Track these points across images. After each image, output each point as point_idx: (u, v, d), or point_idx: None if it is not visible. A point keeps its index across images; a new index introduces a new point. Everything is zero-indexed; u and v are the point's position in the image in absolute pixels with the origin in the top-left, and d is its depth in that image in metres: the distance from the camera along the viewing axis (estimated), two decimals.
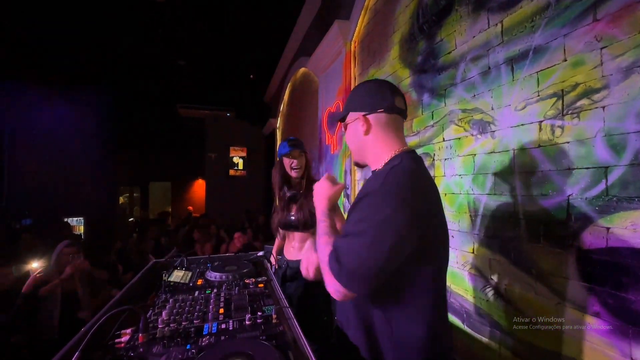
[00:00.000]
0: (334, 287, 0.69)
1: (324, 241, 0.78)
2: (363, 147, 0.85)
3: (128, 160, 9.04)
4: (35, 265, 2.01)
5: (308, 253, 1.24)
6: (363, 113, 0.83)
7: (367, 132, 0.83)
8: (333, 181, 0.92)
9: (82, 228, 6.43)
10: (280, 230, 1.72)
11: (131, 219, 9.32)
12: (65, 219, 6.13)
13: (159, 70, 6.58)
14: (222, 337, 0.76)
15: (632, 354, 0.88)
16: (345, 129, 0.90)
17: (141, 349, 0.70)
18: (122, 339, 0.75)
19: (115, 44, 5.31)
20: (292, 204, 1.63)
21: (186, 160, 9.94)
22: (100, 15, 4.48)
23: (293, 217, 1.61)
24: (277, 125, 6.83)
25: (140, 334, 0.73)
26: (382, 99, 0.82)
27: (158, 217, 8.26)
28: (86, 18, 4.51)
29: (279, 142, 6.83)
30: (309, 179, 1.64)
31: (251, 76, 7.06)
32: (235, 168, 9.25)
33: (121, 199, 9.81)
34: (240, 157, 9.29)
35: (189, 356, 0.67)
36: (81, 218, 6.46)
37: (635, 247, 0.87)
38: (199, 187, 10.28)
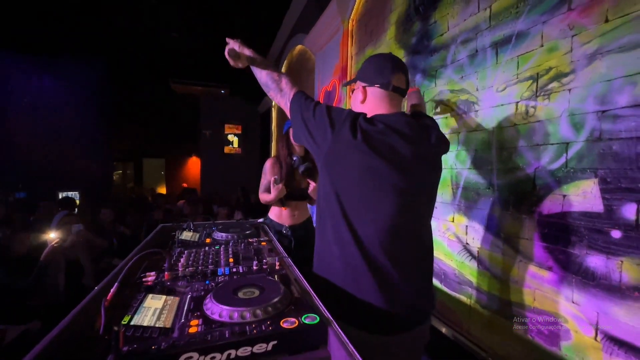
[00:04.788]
0: (284, 101, 0.98)
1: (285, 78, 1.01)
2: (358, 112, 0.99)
3: (122, 136, 8.95)
4: (52, 235, 2.19)
5: None
6: (363, 85, 0.95)
7: (362, 102, 0.96)
8: None
9: (77, 202, 6.48)
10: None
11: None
12: (60, 193, 6.17)
13: (151, 43, 6.40)
14: (235, 277, 0.90)
15: (573, 298, 1.07)
16: (352, 93, 1.05)
17: (168, 283, 0.84)
18: (149, 279, 0.89)
19: (107, 14, 5.14)
20: (306, 176, 1.81)
21: (180, 137, 9.88)
22: None
23: (309, 191, 1.77)
24: (273, 103, 6.81)
25: (166, 272, 0.87)
26: (381, 76, 0.92)
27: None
28: None
29: (274, 120, 6.84)
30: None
31: None
32: (231, 145, 9.25)
33: (114, 175, 9.78)
34: (235, 135, 9.28)
35: (209, 288, 0.81)
36: (76, 192, 6.50)
37: (583, 211, 1.04)
38: (194, 165, 10.28)
